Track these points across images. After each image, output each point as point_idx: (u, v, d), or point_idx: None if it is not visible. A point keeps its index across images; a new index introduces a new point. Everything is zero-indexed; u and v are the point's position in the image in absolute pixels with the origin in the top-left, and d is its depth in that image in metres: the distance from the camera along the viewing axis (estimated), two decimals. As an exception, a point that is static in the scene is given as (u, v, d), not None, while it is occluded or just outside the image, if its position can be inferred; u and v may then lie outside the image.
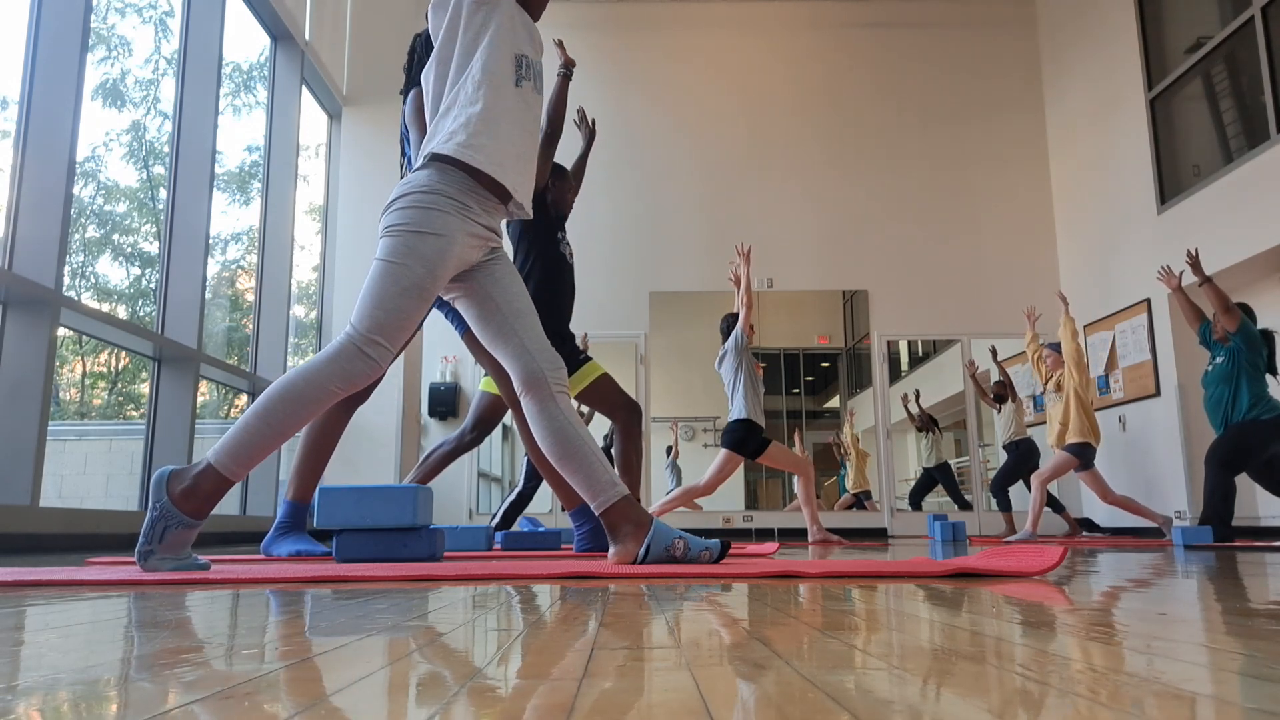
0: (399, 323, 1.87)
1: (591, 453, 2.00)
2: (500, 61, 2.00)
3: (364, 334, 1.86)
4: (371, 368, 1.87)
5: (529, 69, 2.06)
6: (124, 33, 5.27)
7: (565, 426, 1.99)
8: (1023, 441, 7.30)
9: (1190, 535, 4.72)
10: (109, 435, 5.57)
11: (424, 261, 1.89)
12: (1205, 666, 0.64)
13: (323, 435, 2.89)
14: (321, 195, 7.42)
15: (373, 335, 1.86)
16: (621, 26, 9.09)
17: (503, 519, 4.62)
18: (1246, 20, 6.19)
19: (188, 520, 1.82)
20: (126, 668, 0.66)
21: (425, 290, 1.90)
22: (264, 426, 1.81)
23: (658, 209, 8.81)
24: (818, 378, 9.36)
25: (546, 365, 2.02)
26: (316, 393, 1.84)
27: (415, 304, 1.89)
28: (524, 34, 2.07)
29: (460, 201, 1.94)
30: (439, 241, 1.90)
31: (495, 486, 8.71)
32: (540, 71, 2.11)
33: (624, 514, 1.99)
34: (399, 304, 1.87)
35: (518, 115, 2.02)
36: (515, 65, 2.02)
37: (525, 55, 2.05)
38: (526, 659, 0.70)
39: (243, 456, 1.82)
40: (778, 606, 1.12)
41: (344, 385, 1.86)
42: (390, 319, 1.87)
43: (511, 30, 2.04)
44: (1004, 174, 8.91)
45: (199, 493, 1.82)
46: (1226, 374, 5.11)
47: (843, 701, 0.52)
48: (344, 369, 1.84)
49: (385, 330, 1.87)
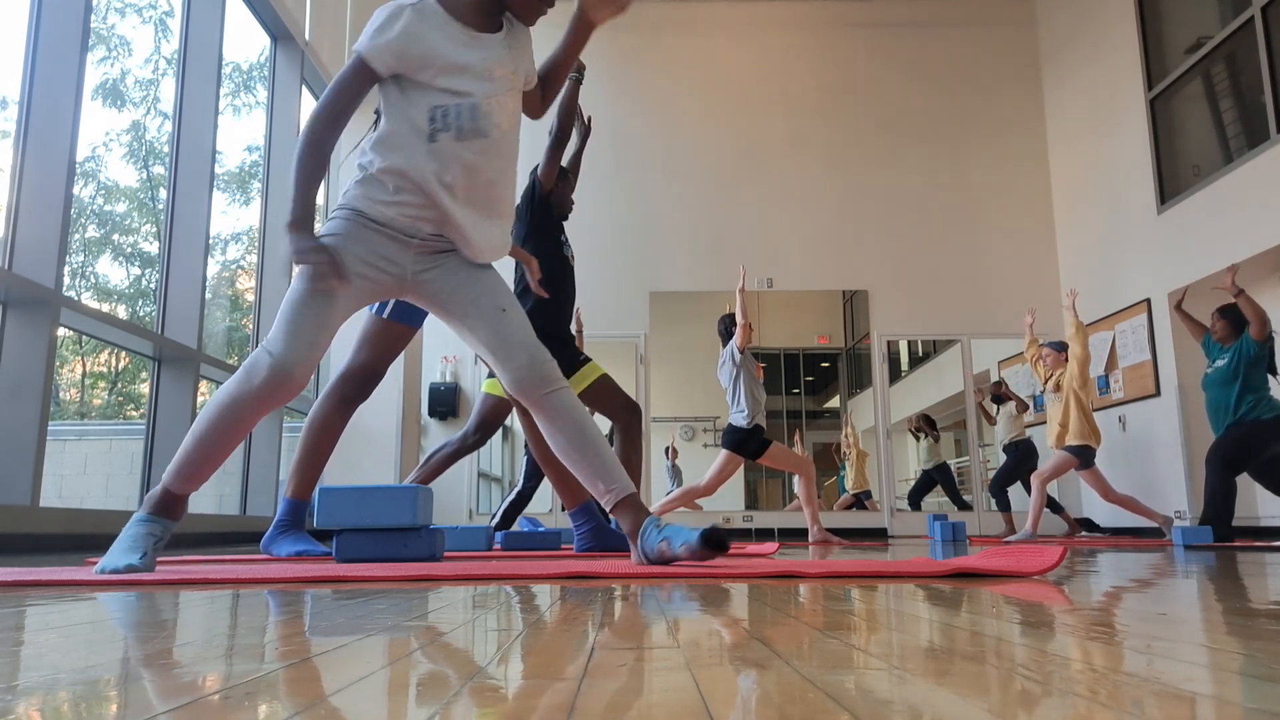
0: (297, 325, 1.82)
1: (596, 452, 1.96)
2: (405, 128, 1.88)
3: (275, 345, 1.82)
4: (275, 378, 1.80)
5: (449, 116, 1.87)
6: (124, 33, 5.28)
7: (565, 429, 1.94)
8: (1023, 442, 7.30)
9: (1190, 535, 4.72)
10: (109, 435, 5.57)
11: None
12: (1205, 666, 0.64)
13: (322, 433, 2.89)
14: (321, 195, 7.42)
15: (270, 345, 1.82)
16: (621, 27, 9.06)
17: (503, 519, 4.62)
18: (1246, 20, 6.19)
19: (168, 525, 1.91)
20: (126, 668, 0.66)
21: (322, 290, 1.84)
22: (200, 445, 1.84)
23: (658, 209, 8.81)
24: (818, 378, 9.37)
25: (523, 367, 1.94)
26: (235, 407, 1.82)
27: (316, 300, 1.83)
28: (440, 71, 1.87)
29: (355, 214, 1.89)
30: (332, 239, 1.87)
31: (495, 486, 8.71)
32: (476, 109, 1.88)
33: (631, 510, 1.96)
34: (296, 306, 1.83)
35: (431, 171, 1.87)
36: (429, 121, 1.87)
37: (440, 105, 1.87)
38: (526, 659, 0.70)
39: (185, 473, 1.86)
40: (778, 606, 1.12)
41: (256, 398, 1.81)
42: (287, 323, 1.83)
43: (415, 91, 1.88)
44: (1004, 174, 8.91)
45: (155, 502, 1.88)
46: (1229, 376, 5.12)
47: (843, 701, 0.51)
48: (248, 380, 1.81)
49: (281, 336, 1.82)
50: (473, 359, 8.33)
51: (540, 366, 1.95)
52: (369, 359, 2.94)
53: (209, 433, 1.83)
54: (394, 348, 3.01)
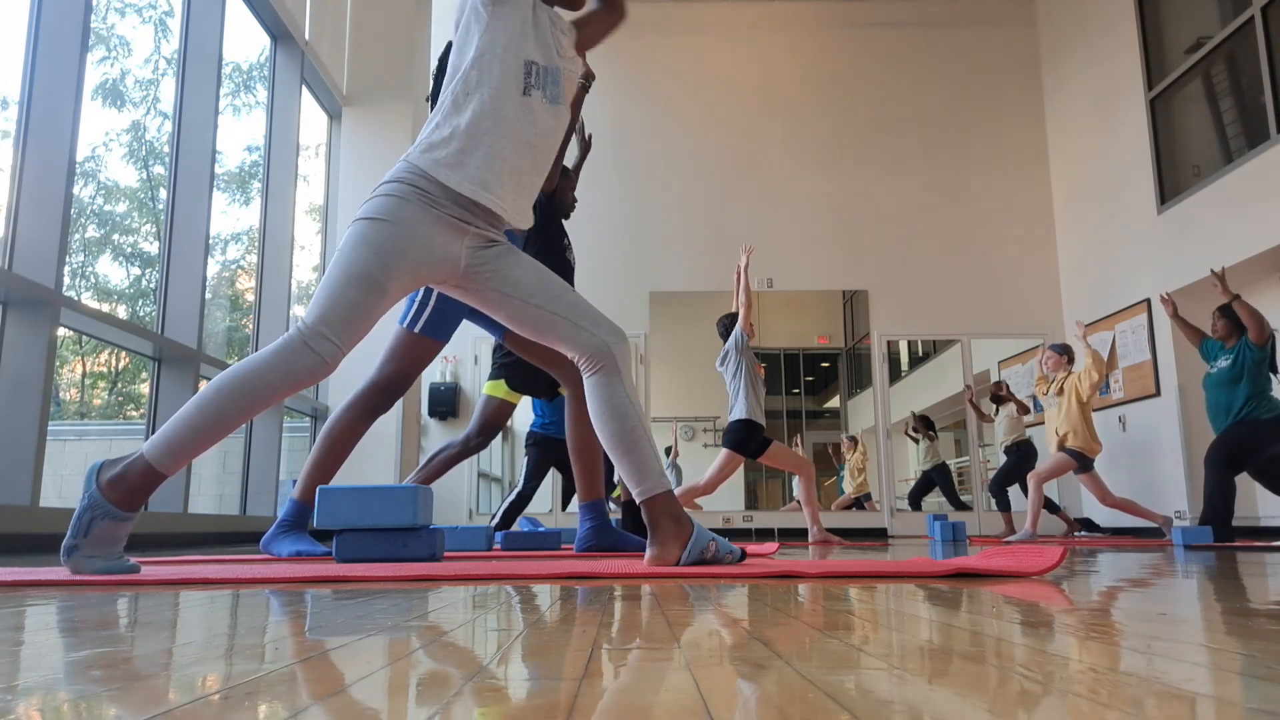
0: (345, 314, 1.76)
1: (645, 439, 1.93)
2: (501, 68, 1.89)
3: (309, 326, 1.75)
4: (316, 364, 1.74)
5: (540, 76, 1.93)
6: (124, 33, 5.27)
7: (626, 405, 1.92)
8: (1023, 443, 7.30)
9: (1190, 535, 4.72)
10: (109, 435, 5.57)
11: (372, 247, 1.80)
12: (1205, 666, 0.64)
13: (341, 440, 2.88)
14: (321, 195, 7.42)
15: (318, 327, 1.75)
16: (622, 27, 9.08)
17: (503, 519, 4.62)
18: (1246, 20, 6.19)
19: (116, 512, 1.69)
20: (126, 667, 0.66)
21: (373, 279, 1.78)
22: (200, 420, 1.71)
23: (658, 209, 8.81)
24: (818, 378, 9.37)
25: (610, 338, 1.94)
26: (258, 387, 1.73)
27: (362, 294, 1.78)
28: (538, 38, 1.95)
29: (426, 192, 1.84)
30: (390, 228, 1.80)
31: (495, 487, 8.71)
32: (558, 78, 1.97)
33: (665, 508, 1.92)
34: (344, 293, 1.77)
35: (515, 127, 1.90)
36: (524, 72, 1.90)
37: (535, 61, 1.93)
38: (526, 659, 0.70)
39: (175, 449, 1.70)
40: (778, 606, 1.12)
41: (287, 382, 1.74)
42: (335, 309, 1.76)
43: (522, 34, 1.92)
44: (1004, 174, 8.91)
45: (125, 482, 1.70)
46: (1231, 377, 5.11)
47: (843, 701, 0.52)
48: (287, 363, 1.73)
49: (330, 321, 1.75)
50: (473, 359, 8.33)
51: (625, 342, 1.97)
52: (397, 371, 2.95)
53: (219, 410, 1.71)
54: (422, 360, 3.02)
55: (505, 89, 1.90)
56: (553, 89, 1.96)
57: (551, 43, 1.99)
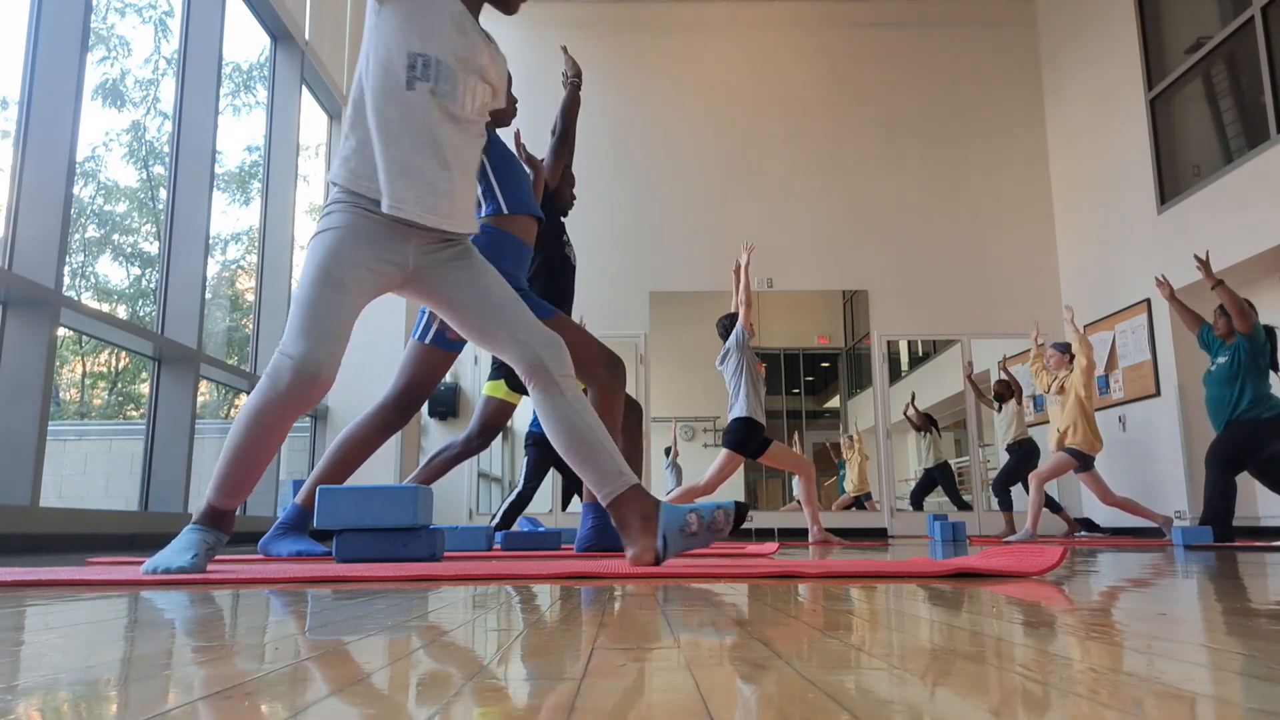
0: (312, 316, 1.79)
1: (599, 443, 1.93)
2: (384, 65, 1.87)
3: (285, 341, 1.80)
4: (302, 374, 1.76)
5: (429, 69, 1.87)
6: (124, 33, 5.27)
7: (571, 415, 1.93)
8: (1025, 442, 7.30)
9: (1190, 535, 4.72)
10: (109, 435, 5.57)
11: (323, 250, 1.84)
12: (1205, 666, 0.64)
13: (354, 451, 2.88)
14: (321, 195, 7.42)
15: (290, 337, 1.79)
16: (621, 27, 9.09)
17: (503, 519, 4.62)
18: (1246, 20, 6.19)
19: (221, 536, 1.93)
20: (126, 668, 0.66)
21: (330, 275, 1.82)
22: (237, 457, 1.84)
23: (658, 209, 8.81)
24: (818, 378, 9.37)
25: (544, 351, 1.94)
26: (264, 415, 1.80)
27: (322, 292, 1.81)
28: (430, 32, 1.89)
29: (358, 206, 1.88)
30: (337, 233, 1.85)
31: (495, 487, 8.71)
32: (453, 77, 1.90)
33: (630, 506, 1.92)
34: (307, 296, 1.80)
35: (406, 123, 1.86)
36: (408, 65, 1.86)
37: (422, 54, 1.87)
38: (526, 659, 0.70)
39: (228, 487, 1.87)
40: (778, 606, 1.12)
41: (283, 404, 1.78)
42: (302, 315, 1.79)
43: (406, 28, 1.88)
44: (1004, 174, 8.91)
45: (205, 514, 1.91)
46: (1230, 375, 5.11)
47: (843, 701, 0.52)
48: (274, 386, 1.77)
49: (311, 334, 1.78)
50: (473, 359, 8.33)
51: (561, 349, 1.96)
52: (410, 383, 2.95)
53: (243, 445, 1.82)
54: (437, 372, 3.03)
55: (388, 85, 1.87)
56: (445, 85, 1.89)
57: (456, 42, 1.92)
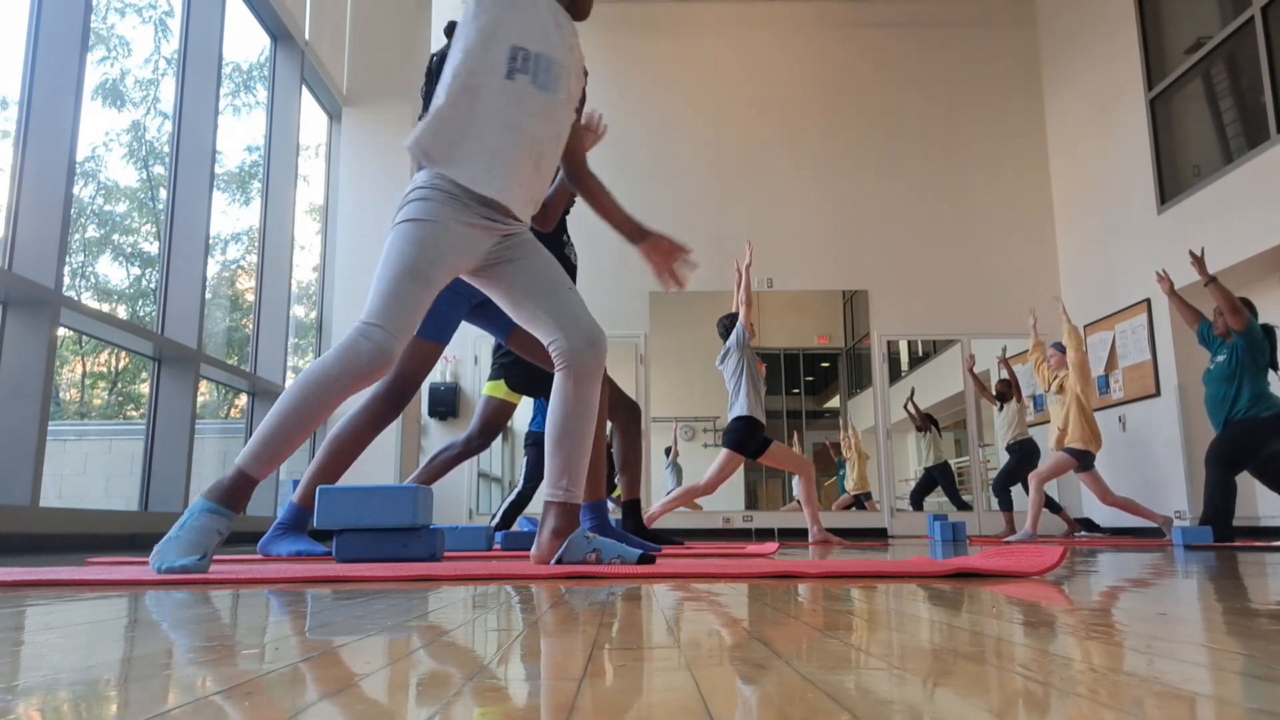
0: (399, 307, 1.88)
1: (576, 448, 2.06)
2: (485, 55, 1.96)
3: (367, 322, 1.88)
4: (377, 356, 1.85)
5: (529, 62, 1.98)
6: (124, 33, 5.27)
7: (571, 410, 2.06)
8: (1025, 442, 7.30)
9: (1190, 535, 4.72)
10: (109, 435, 5.57)
11: (418, 245, 1.92)
12: (1205, 666, 0.64)
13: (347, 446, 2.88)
14: (321, 195, 7.42)
15: (374, 320, 1.87)
16: (621, 27, 9.09)
17: (503, 519, 4.62)
18: (1246, 20, 6.19)
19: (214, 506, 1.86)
20: (126, 668, 0.66)
21: (422, 273, 1.91)
22: (283, 423, 1.84)
23: (658, 209, 8.80)
24: (818, 378, 9.37)
25: (581, 344, 2.05)
26: (330, 384, 1.85)
27: (413, 287, 1.90)
28: (530, 24, 2.00)
29: (450, 193, 1.96)
30: (431, 227, 1.93)
31: (495, 487, 8.71)
32: (551, 65, 2.02)
33: (558, 515, 2.06)
34: (397, 288, 1.89)
35: (501, 112, 1.96)
36: (509, 57, 1.96)
37: (523, 47, 1.98)
38: (526, 659, 0.70)
39: (265, 454, 1.84)
40: (778, 606, 1.12)
41: (353, 376, 1.86)
42: (389, 303, 1.88)
43: (508, 20, 1.98)
44: (1004, 174, 8.91)
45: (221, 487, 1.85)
46: (1229, 373, 5.10)
47: (843, 701, 0.51)
48: (350, 357, 1.85)
49: (386, 315, 1.87)
50: (473, 359, 8.33)
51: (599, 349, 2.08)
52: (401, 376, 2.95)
53: (297, 411, 1.84)
54: (426, 363, 3.02)
55: (492, 73, 1.96)
56: (544, 75, 2.00)
57: (551, 33, 2.04)
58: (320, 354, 7.07)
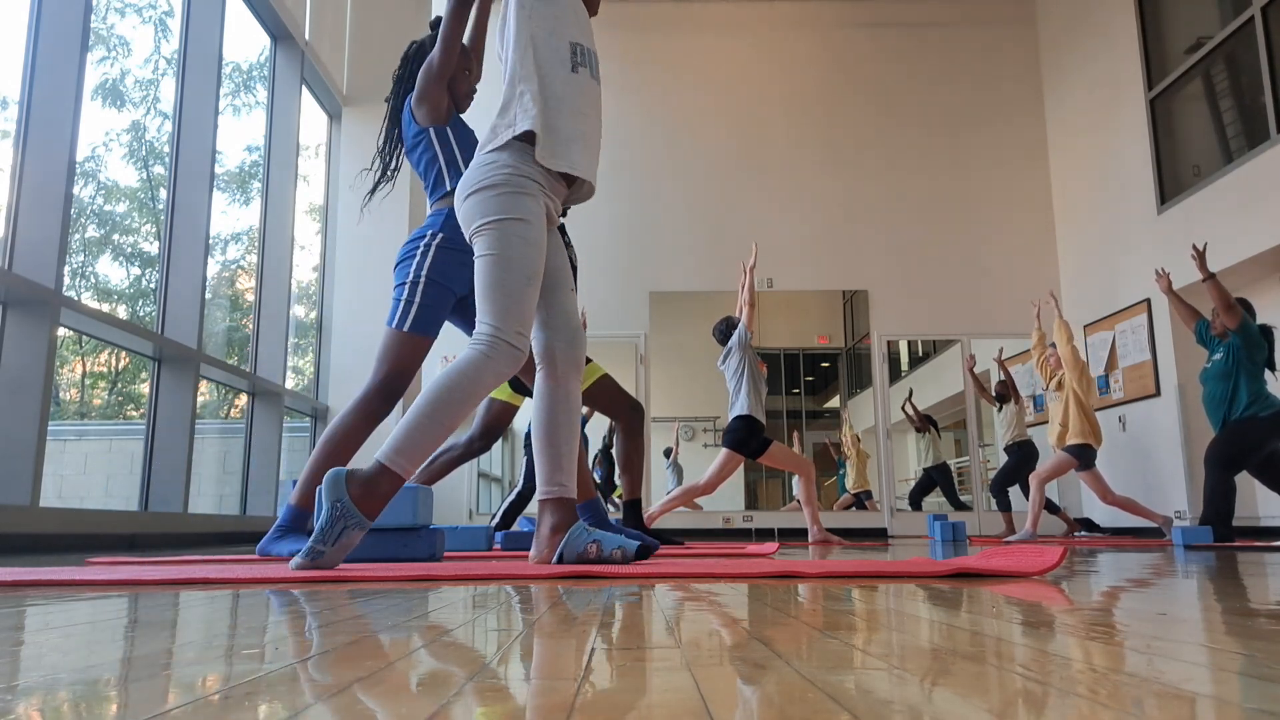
0: (528, 310, 1.96)
1: (563, 443, 2.11)
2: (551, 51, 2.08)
3: (510, 329, 1.93)
4: (518, 359, 1.95)
5: (585, 56, 2.13)
6: (124, 33, 5.27)
7: (555, 408, 2.11)
8: (1024, 443, 7.30)
9: (1190, 535, 4.72)
10: (109, 435, 5.57)
11: (534, 247, 1.99)
12: (1205, 666, 0.64)
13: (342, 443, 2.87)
14: (321, 195, 7.42)
15: (517, 329, 1.94)
16: (620, 27, 9.09)
17: (503, 519, 4.62)
18: (1246, 20, 6.19)
19: (364, 521, 1.86)
20: (126, 668, 0.66)
21: (536, 274, 1.99)
22: (431, 424, 1.87)
23: (658, 209, 8.81)
24: (818, 378, 9.37)
25: (559, 341, 2.13)
26: (475, 388, 1.91)
27: (531, 290, 1.97)
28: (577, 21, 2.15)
29: (539, 183, 2.03)
30: (537, 227, 2.00)
31: (495, 487, 8.71)
32: (596, 59, 2.18)
33: (554, 511, 2.08)
34: (526, 292, 1.96)
35: (573, 102, 2.07)
36: (570, 53, 2.09)
37: (579, 43, 2.12)
38: (526, 659, 0.70)
39: (413, 453, 1.87)
40: (778, 606, 1.12)
41: (496, 379, 1.94)
42: (524, 309, 1.96)
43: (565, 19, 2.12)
44: (1004, 174, 8.91)
45: (377, 493, 1.86)
46: (1225, 371, 5.10)
47: (843, 701, 0.51)
48: (498, 365, 1.92)
49: (524, 321, 1.95)
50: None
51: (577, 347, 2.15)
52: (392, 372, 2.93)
53: (448, 408, 1.88)
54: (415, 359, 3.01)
55: (559, 69, 2.08)
56: (595, 67, 2.17)
57: (588, 28, 2.20)
58: (320, 354, 7.07)
